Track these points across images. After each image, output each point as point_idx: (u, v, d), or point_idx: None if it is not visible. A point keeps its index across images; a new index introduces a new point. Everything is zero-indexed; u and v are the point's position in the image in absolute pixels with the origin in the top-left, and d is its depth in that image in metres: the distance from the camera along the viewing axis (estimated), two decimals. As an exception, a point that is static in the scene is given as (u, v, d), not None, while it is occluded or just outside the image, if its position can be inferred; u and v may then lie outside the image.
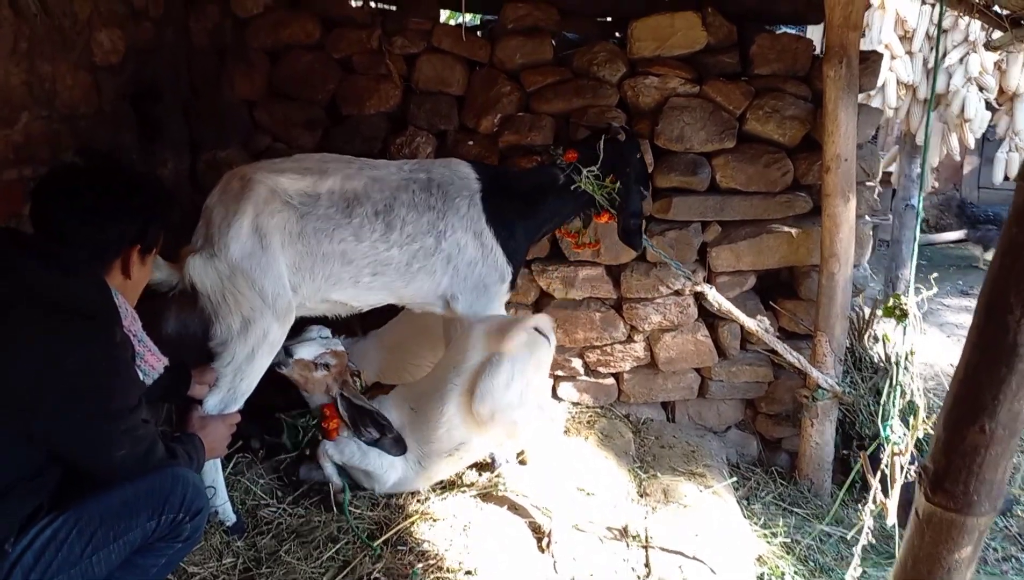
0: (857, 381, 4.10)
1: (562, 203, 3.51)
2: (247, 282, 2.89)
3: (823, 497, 4.14)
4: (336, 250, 3.05)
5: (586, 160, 3.45)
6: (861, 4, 3.67)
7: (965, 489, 1.56)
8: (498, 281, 3.36)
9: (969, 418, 1.53)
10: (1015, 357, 1.44)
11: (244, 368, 2.95)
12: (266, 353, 3.00)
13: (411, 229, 3.16)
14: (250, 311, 2.92)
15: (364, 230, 3.08)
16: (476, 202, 3.29)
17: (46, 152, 3.00)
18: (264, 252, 2.91)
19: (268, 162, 3.20)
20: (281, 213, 2.95)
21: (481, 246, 3.29)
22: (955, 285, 9.13)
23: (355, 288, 3.16)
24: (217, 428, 2.72)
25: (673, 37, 4.08)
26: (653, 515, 3.45)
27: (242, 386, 2.97)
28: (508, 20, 4.16)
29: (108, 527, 2.00)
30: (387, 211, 3.13)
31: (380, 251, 3.12)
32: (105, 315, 2.02)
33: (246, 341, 2.94)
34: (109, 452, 2.02)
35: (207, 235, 2.94)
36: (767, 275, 4.43)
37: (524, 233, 3.46)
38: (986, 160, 11.44)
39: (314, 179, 3.06)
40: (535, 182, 3.51)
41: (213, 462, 2.97)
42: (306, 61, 4.09)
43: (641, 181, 3.57)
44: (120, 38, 3.43)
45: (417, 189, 3.22)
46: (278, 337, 3.02)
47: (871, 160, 4.28)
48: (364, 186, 3.12)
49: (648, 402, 4.52)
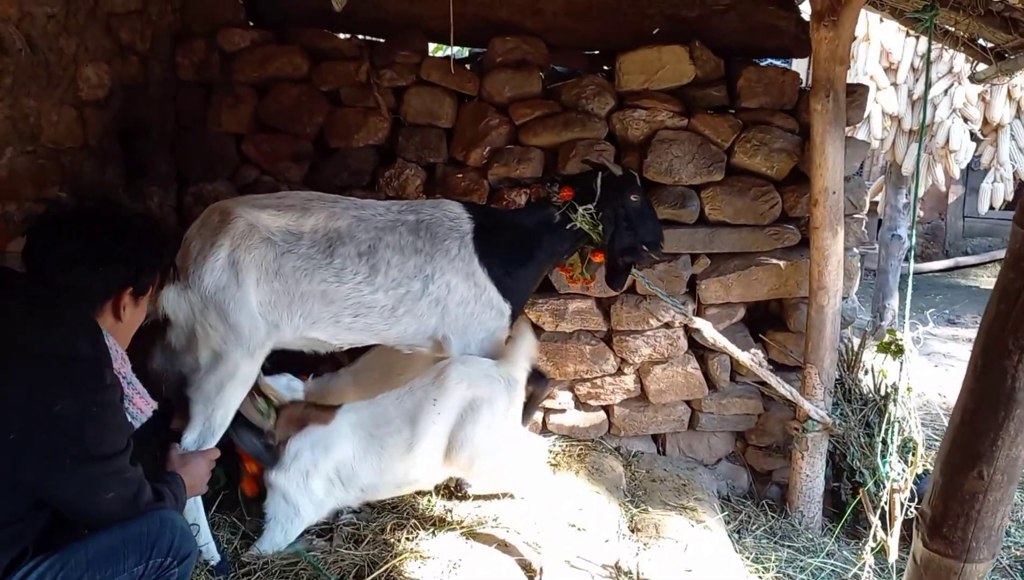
0: (847, 413, 4.09)
1: (559, 241, 3.42)
2: (219, 316, 2.85)
3: (814, 530, 4.11)
4: (316, 290, 2.98)
5: (582, 197, 3.36)
6: (847, 39, 3.70)
7: (964, 535, 1.54)
8: (495, 317, 3.27)
9: (967, 464, 1.51)
10: (1013, 402, 1.43)
11: (215, 401, 2.89)
12: (236, 387, 2.94)
13: (396, 273, 3.08)
14: (220, 344, 2.88)
15: (346, 272, 3.01)
16: (467, 243, 3.20)
17: (30, 188, 2.97)
18: (239, 287, 2.86)
19: (251, 197, 3.17)
20: (259, 249, 2.90)
21: (474, 286, 3.20)
22: (942, 314, 9.16)
23: (335, 327, 3.09)
24: (198, 465, 2.67)
25: (661, 71, 4.11)
26: (645, 550, 3.41)
27: (216, 418, 2.90)
28: (497, 53, 4.18)
29: (94, 572, 1.95)
30: (371, 253, 3.06)
31: (364, 294, 3.05)
32: (94, 357, 1.99)
33: (215, 374, 2.89)
34: (97, 496, 1.98)
35: (183, 266, 2.90)
36: (756, 307, 4.44)
37: (522, 272, 3.35)
38: (971, 190, 11.56)
39: (296, 216, 3.01)
40: (530, 221, 3.42)
41: (194, 500, 2.91)
42: (293, 94, 4.08)
43: (636, 220, 3.43)
44: (106, 73, 3.42)
45: (404, 231, 3.15)
46: (249, 372, 2.96)
47: (858, 193, 4.30)
48: (348, 226, 3.06)
49: (638, 435, 4.49)
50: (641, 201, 3.45)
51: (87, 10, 3.27)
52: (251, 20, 4.26)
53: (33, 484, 1.90)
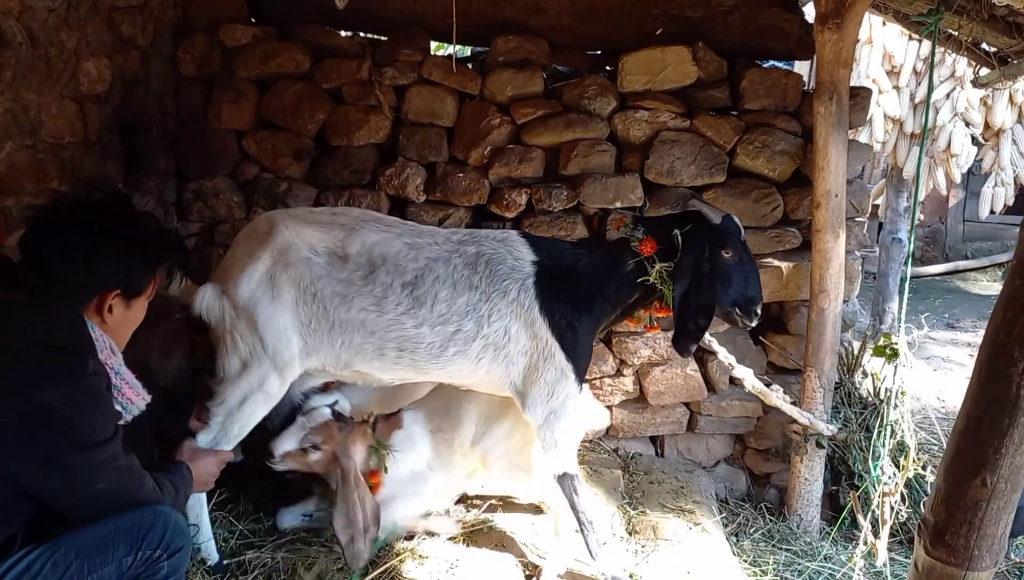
0: (849, 417, 4.09)
1: (627, 293, 3.09)
2: (249, 326, 2.80)
3: (812, 533, 4.11)
4: (356, 319, 2.83)
5: (665, 254, 2.99)
6: (851, 42, 3.69)
7: (966, 543, 1.53)
8: (560, 378, 2.95)
9: (970, 471, 1.50)
10: (1018, 410, 1.42)
11: (235, 413, 2.85)
12: (260, 402, 2.88)
13: (444, 308, 2.85)
14: (248, 356, 2.83)
15: (387, 302, 2.83)
16: (528, 287, 2.92)
17: (30, 182, 2.96)
18: (273, 302, 2.80)
19: (304, 210, 3.12)
20: (296, 268, 2.81)
21: (535, 337, 2.93)
22: (941, 318, 9.16)
23: (381, 361, 2.91)
24: (208, 462, 2.67)
25: (664, 71, 4.10)
26: (643, 553, 3.41)
27: (233, 429, 2.87)
28: (499, 52, 4.16)
29: (83, 560, 1.94)
30: (416, 283, 2.85)
31: (407, 327, 2.84)
32: (76, 346, 1.98)
33: (239, 386, 2.85)
34: (87, 487, 1.98)
35: (225, 269, 2.89)
36: (757, 309, 4.42)
37: (586, 324, 3.01)
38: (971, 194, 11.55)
39: (343, 236, 2.87)
40: (600, 264, 3.06)
41: (198, 497, 2.91)
42: (295, 91, 4.06)
43: (723, 278, 3.00)
44: (107, 67, 3.39)
45: (460, 264, 2.91)
46: (276, 389, 2.89)
47: (860, 196, 4.29)
48: (396, 253, 2.88)
49: (637, 436, 4.48)
50: (737, 256, 3.02)
51: (88, 4, 3.25)
52: (253, 16, 4.23)
53: (18, 475, 1.89)
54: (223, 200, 4.05)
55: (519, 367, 2.96)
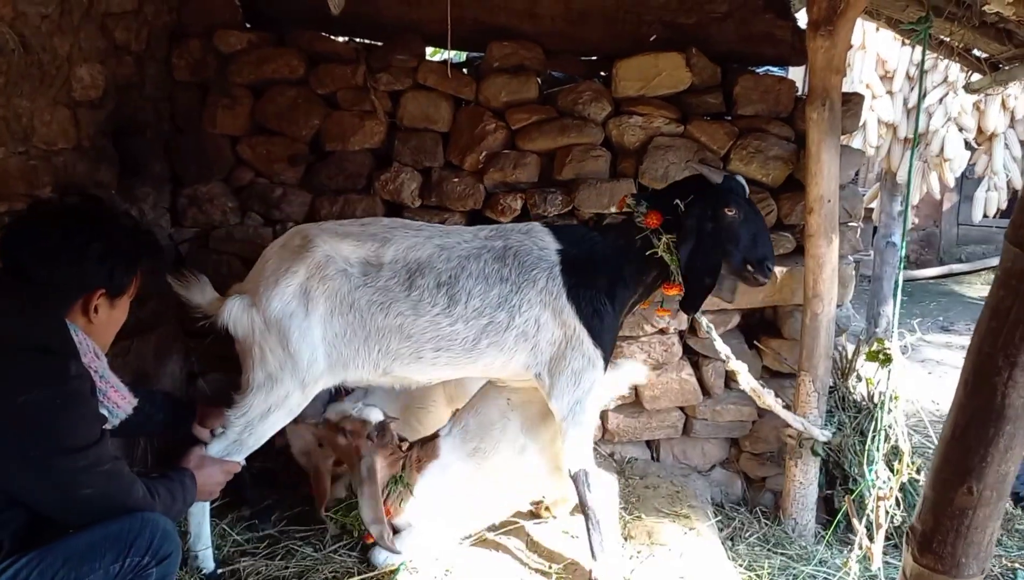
0: (843, 421, 4.10)
1: (642, 271, 3.14)
2: (280, 341, 2.81)
3: (807, 537, 4.11)
4: (393, 325, 2.88)
5: (670, 225, 3.05)
6: (843, 48, 3.71)
7: (953, 551, 1.54)
8: (589, 366, 3.02)
9: (957, 479, 1.51)
10: (1003, 419, 1.43)
11: (256, 424, 2.86)
12: (282, 415, 2.90)
13: (478, 302, 2.92)
14: (277, 370, 2.84)
15: (424, 304, 2.88)
16: (555, 275, 2.99)
17: (23, 188, 2.95)
18: (307, 317, 2.82)
19: (335, 224, 3.11)
20: (333, 281, 2.84)
21: (563, 325, 3.00)
22: (936, 321, 9.18)
23: (419, 363, 2.97)
24: (214, 472, 2.67)
25: (658, 77, 4.11)
26: (638, 558, 3.41)
27: (250, 440, 2.87)
28: (494, 58, 4.17)
29: (70, 569, 1.94)
30: (451, 282, 2.91)
31: (442, 326, 2.90)
32: (59, 349, 1.99)
33: (266, 399, 2.85)
34: (73, 492, 1.98)
35: (255, 282, 2.89)
36: (751, 314, 4.43)
37: (610, 308, 3.07)
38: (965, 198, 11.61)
39: (376, 246, 2.92)
40: (614, 246, 3.13)
41: (200, 505, 2.91)
42: (290, 96, 4.07)
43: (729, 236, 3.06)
44: (100, 73, 3.39)
45: (489, 258, 2.99)
46: (298, 402, 2.92)
47: (853, 201, 4.31)
48: (430, 256, 2.94)
49: (632, 441, 4.48)
50: (742, 213, 3.06)
51: (81, 10, 3.25)
52: (248, 22, 4.24)
53: (3, 480, 1.90)
54: (218, 205, 4.05)
55: (547, 356, 3.02)
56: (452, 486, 3.21)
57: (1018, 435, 1.45)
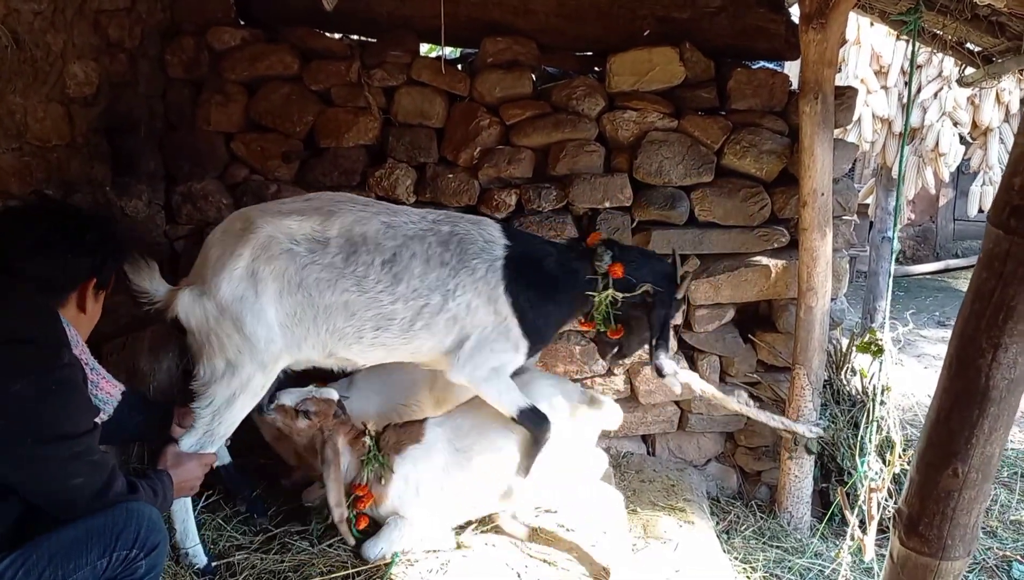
0: (836, 414, 4.11)
1: (580, 301, 3.26)
2: (235, 326, 2.80)
3: (802, 530, 4.12)
4: (339, 301, 2.88)
5: (622, 285, 3.21)
6: (836, 41, 3.71)
7: (939, 533, 1.55)
8: (510, 349, 3.11)
9: (942, 461, 1.52)
10: (987, 400, 1.44)
11: (223, 412, 2.86)
12: (247, 400, 2.90)
13: (418, 283, 2.95)
14: (235, 355, 2.83)
15: (368, 280, 2.89)
16: (496, 268, 3.05)
17: (16, 184, 2.97)
18: (256, 298, 2.80)
19: (277, 203, 3.11)
20: (280, 260, 2.82)
21: (495, 313, 3.06)
22: (932, 316, 9.19)
23: (359, 344, 2.98)
24: (191, 467, 2.66)
25: (651, 72, 4.12)
26: (634, 551, 3.41)
27: (220, 429, 2.87)
28: (488, 54, 4.18)
29: (56, 566, 1.95)
30: (394, 261, 2.93)
31: (384, 305, 2.92)
32: (50, 339, 2.00)
33: (228, 385, 2.85)
34: (65, 480, 1.98)
35: (202, 272, 2.87)
36: (746, 308, 4.44)
37: (547, 312, 3.20)
38: (961, 193, 11.62)
39: (321, 220, 2.91)
40: (563, 267, 3.23)
41: (183, 502, 2.90)
42: (283, 93, 4.07)
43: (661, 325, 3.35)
44: (94, 70, 3.40)
45: (434, 241, 3.02)
46: (260, 385, 2.92)
47: (847, 194, 4.31)
48: (375, 232, 2.94)
49: (628, 435, 4.49)
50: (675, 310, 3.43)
51: (74, 7, 3.26)
52: (241, 18, 4.24)
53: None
54: (212, 202, 4.05)
55: (472, 339, 3.05)
56: (435, 473, 3.17)
57: (1002, 416, 1.45)
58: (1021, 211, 1.34)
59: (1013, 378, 1.42)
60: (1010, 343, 1.39)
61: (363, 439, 3.15)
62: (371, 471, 3.11)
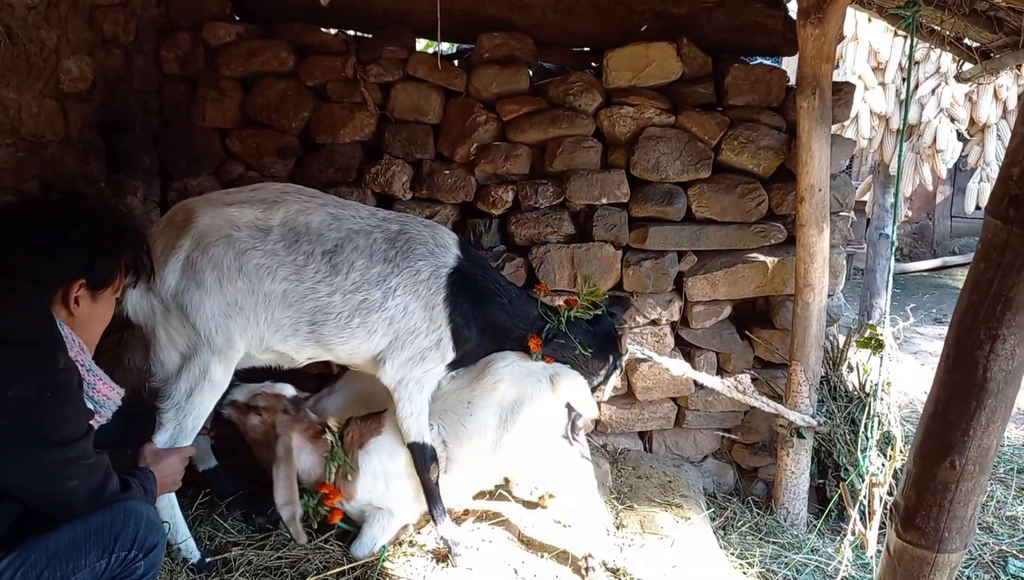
0: (833, 410, 4.10)
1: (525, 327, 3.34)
2: (181, 318, 2.79)
3: (799, 526, 4.12)
4: (278, 290, 2.87)
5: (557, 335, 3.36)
6: (833, 36, 3.71)
7: (936, 526, 1.54)
8: (437, 360, 3.11)
9: (939, 454, 1.51)
10: (984, 392, 1.43)
11: (185, 406, 2.85)
12: (208, 392, 2.88)
13: (357, 277, 2.94)
14: (186, 348, 2.83)
15: (307, 270, 2.88)
16: (441, 275, 3.07)
17: (10, 180, 2.95)
18: (198, 288, 2.79)
19: (221, 193, 3.10)
20: (218, 247, 2.80)
21: (429, 320, 3.06)
22: (929, 313, 9.19)
23: (295, 338, 2.96)
24: (171, 462, 2.65)
25: (648, 67, 4.10)
26: (630, 547, 3.41)
27: (188, 422, 2.86)
28: (484, 49, 4.16)
29: (55, 568, 1.92)
30: (335, 251, 2.92)
31: (321, 295, 2.91)
32: (46, 342, 1.98)
33: (184, 379, 2.84)
34: (59, 484, 1.97)
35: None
36: (743, 304, 4.44)
37: (478, 332, 3.21)
38: (958, 190, 11.62)
39: (266, 208, 2.90)
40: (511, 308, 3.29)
41: (168, 497, 2.89)
42: (279, 89, 4.06)
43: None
44: (89, 65, 3.38)
45: (380, 238, 3.02)
46: (220, 376, 2.90)
47: (845, 190, 4.31)
48: (319, 222, 2.94)
49: (625, 432, 4.49)
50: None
51: (69, 2, 3.24)
52: (237, 14, 4.22)
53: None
54: (208, 199, 4.04)
55: (402, 343, 3.05)
56: (400, 461, 3.16)
57: (1000, 408, 1.45)
58: (1019, 201, 1.33)
59: (1011, 370, 1.41)
60: (1008, 334, 1.39)
61: (325, 436, 3.13)
62: (334, 467, 3.10)
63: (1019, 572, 3.76)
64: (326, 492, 3.09)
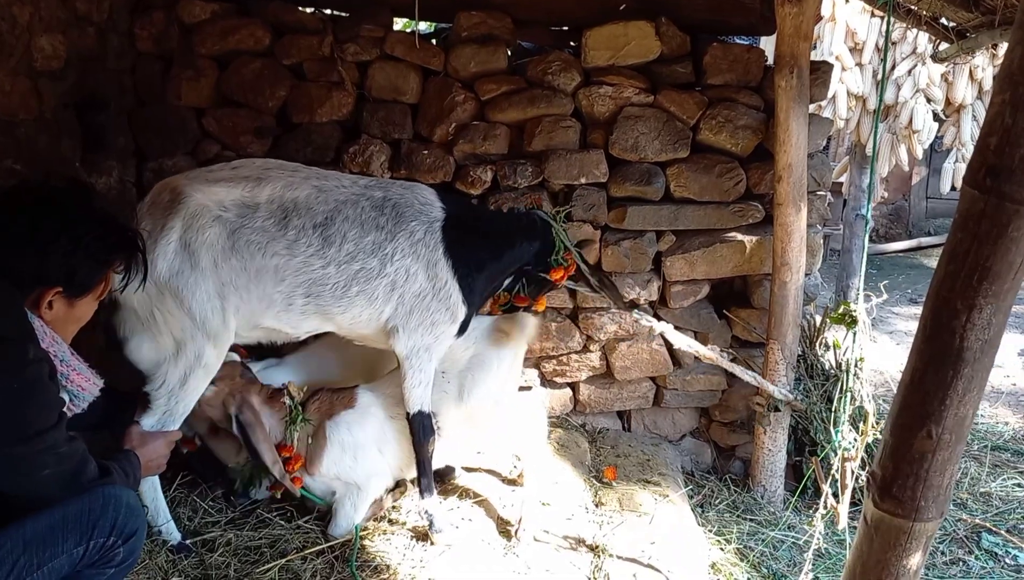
0: (809, 388, 4.15)
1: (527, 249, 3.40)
2: (176, 302, 2.74)
3: (776, 504, 4.17)
4: (269, 265, 2.84)
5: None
6: (811, 14, 3.72)
7: (913, 495, 1.56)
8: (448, 320, 3.13)
9: (916, 423, 1.53)
10: (961, 362, 1.45)
11: (178, 391, 2.81)
12: (201, 376, 2.84)
13: (351, 247, 2.93)
14: (181, 332, 2.78)
15: (299, 244, 2.86)
16: (435, 230, 3.08)
17: (-18, 159, 2.90)
18: (193, 270, 2.74)
19: (203, 170, 3.04)
20: (212, 228, 2.76)
21: (434, 278, 3.07)
22: (904, 293, 9.29)
23: (288, 313, 2.95)
24: (157, 445, 2.63)
25: (627, 46, 4.10)
26: (609, 524, 3.44)
27: (178, 408, 2.83)
28: (462, 28, 4.14)
29: (31, 554, 1.89)
30: (327, 224, 2.91)
31: (315, 268, 2.89)
32: (16, 336, 1.92)
33: (179, 363, 2.80)
34: (31, 475, 1.94)
35: None
36: (721, 284, 4.46)
37: (484, 275, 3.25)
38: (934, 170, 11.72)
39: (251, 186, 2.87)
40: (506, 225, 3.39)
41: (151, 480, 2.87)
42: (255, 68, 4.01)
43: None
44: (62, 43, 3.33)
45: (367, 206, 3.01)
46: (213, 360, 2.86)
47: (822, 169, 4.33)
48: (306, 196, 2.92)
49: (604, 412, 4.51)
50: None
51: (41, -21, 3.19)
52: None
53: None
54: (184, 179, 3.99)
55: (408, 308, 3.07)
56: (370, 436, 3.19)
57: (976, 377, 1.47)
58: (996, 170, 1.35)
59: (987, 339, 1.43)
60: (984, 304, 1.40)
61: (282, 399, 3.12)
62: (295, 432, 3.10)
63: (992, 547, 3.83)
64: (288, 456, 3.09)
